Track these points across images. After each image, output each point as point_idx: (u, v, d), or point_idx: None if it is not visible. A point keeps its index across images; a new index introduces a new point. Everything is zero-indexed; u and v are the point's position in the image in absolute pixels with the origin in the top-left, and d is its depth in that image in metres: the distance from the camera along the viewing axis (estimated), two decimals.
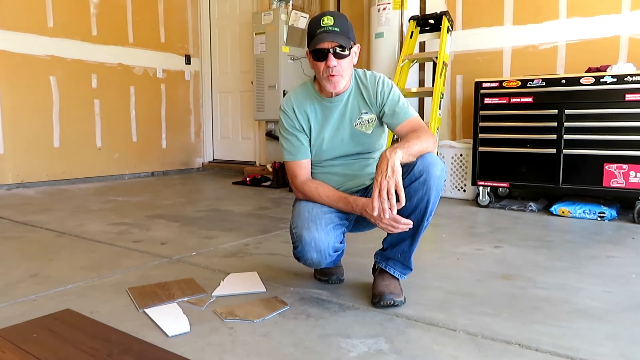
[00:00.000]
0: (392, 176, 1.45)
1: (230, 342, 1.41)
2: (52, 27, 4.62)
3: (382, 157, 1.50)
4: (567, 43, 3.75)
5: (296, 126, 1.77)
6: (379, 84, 1.74)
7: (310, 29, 1.68)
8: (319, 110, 1.77)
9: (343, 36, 1.63)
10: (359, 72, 1.79)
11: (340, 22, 1.64)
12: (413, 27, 4.07)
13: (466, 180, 3.91)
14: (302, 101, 1.78)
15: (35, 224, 2.98)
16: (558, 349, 1.35)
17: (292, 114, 1.77)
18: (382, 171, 1.47)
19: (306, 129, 1.77)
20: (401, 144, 1.55)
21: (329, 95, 1.75)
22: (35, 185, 4.57)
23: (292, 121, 1.77)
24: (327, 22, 1.63)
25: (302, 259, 1.65)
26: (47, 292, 1.81)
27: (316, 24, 1.65)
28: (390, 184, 1.45)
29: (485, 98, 3.55)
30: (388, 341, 1.41)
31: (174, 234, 2.76)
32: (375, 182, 1.48)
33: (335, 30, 1.62)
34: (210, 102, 6.16)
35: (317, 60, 1.66)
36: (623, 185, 3.09)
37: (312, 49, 1.65)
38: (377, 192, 1.46)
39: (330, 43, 1.62)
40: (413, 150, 1.54)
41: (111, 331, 1.44)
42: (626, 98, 3.05)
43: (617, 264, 2.19)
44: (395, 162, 1.47)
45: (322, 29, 1.62)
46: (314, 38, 1.64)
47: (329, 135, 1.76)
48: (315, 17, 1.68)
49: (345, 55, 1.65)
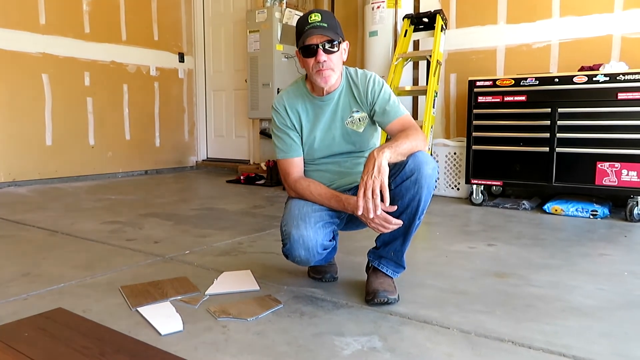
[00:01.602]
0: (378, 176, 1.46)
1: (223, 340, 1.40)
2: (44, 25, 4.58)
3: (370, 156, 1.50)
4: (560, 42, 3.76)
5: (288, 124, 1.76)
6: (370, 82, 1.75)
7: (298, 27, 1.68)
8: (310, 108, 1.77)
9: (331, 31, 1.63)
10: (350, 71, 1.79)
11: (328, 18, 1.65)
12: (407, 26, 4.07)
13: (460, 178, 3.92)
14: (293, 100, 1.78)
15: (27, 223, 2.96)
16: (551, 347, 1.36)
17: (283, 113, 1.77)
18: (368, 170, 1.48)
19: (297, 127, 1.77)
20: (390, 143, 1.55)
21: (321, 94, 1.75)
22: (28, 183, 4.53)
23: (284, 119, 1.77)
24: (314, 19, 1.63)
25: (290, 256, 1.65)
26: (39, 291, 1.80)
27: (304, 21, 1.66)
28: (376, 184, 1.45)
29: (479, 96, 3.55)
30: (382, 339, 1.41)
31: (167, 232, 2.75)
32: (361, 182, 1.49)
33: (323, 26, 1.62)
34: (204, 100, 6.14)
35: (306, 56, 1.66)
36: (615, 184, 3.11)
37: (301, 45, 1.65)
38: (362, 191, 1.47)
39: (318, 38, 1.62)
40: (402, 149, 1.54)
41: (103, 330, 1.43)
42: (618, 97, 3.06)
43: (610, 262, 2.20)
44: (382, 162, 1.47)
45: (310, 25, 1.63)
46: (302, 35, 1.64)
47: (320, 134, 1.76)
48: (302, 15, 1.69)
49: (334, 50, 1.66)
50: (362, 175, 1.49)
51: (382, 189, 1.46)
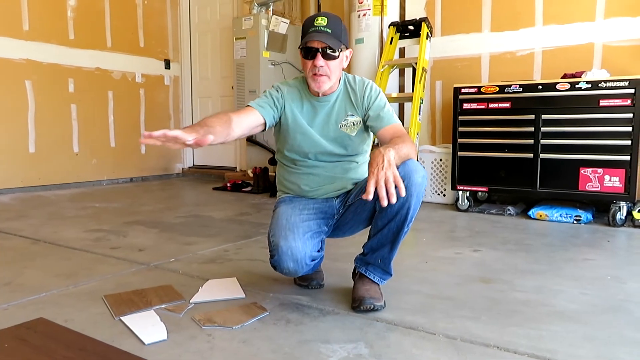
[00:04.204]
0: (389, 168, 1.38)
1: (208, 349, 1.38)
2: (28, 31, 4.53)
3: (377, 153, 1.45)
4: (543, 50, 3.81)
5: (278, 99, 1.78)
6: (367, 88, 1.78)
7: (304, 27, 1.71)
8: (306, 105, 1.79)
9: (334, 38, 1.65)
10: (348, 77, 1.82)
11: (334, 24, 1.66)
12: (393, 33, 4.10)
13: (446, 184, 3.94)
14: (293, 89, 1.82)
15: (9, 231, 2.91)
16: (536, 351, 1.37)
17: (281, 91, 1.80)
18: (378, 164, 1.39)
19: (280, 108, 1.79)
20: (390, 145, 1.52)
21: (317, 95, 1.77)
22: (10, 191, 4.46)
23: (277, 95, 1.79)
24: (320, 22, 1.65)
25: (278, 267, 1.64)
26: (20, 300, 1.76)
27: (310, 22, 1.68)
28: (388, 174, 1.37)
29: (464, 103, 3.58)
30: (368, 346, 1.40)
31: (152, 240, 2.72)
32: (370, 175, 1.39)
33: (327, 31, 1.64)
34: (190, 107, 6.11)
35: (306, 57, 1.69)
36: (598, 189, 3.15)
37: (303, 46, 1.67)
38: (374, 181, 1.36)
39: (319, 43, 1.64)
40: (401, 153, 1.53)
41: (86, 340, 1.41)
42: (600, 104, 3.11)
43: (594, 267, 2.22)
44: (390, 157, 1.42)
45: (315, 29, 1.65)
46: (305, 36, 1.66)
47: (313, 130, 1.78)
48: (310, 16, 1.71)
49: (334, 57, 1.67)
50: (371, 169, 1.40)
51: (396, 180, 1.37)
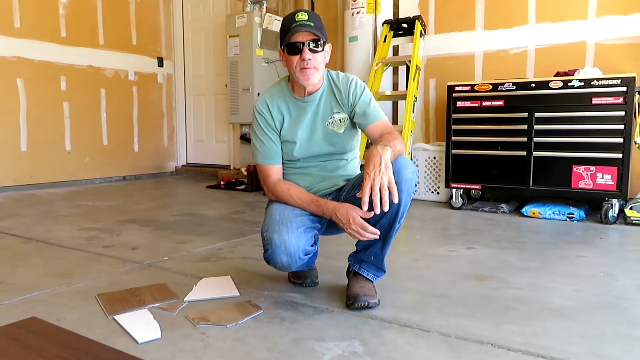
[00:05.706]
0: (386, 172, 1.41)
1: (202, 347, 1.38)
2: (19, 28, 4.49)
3: (374, 152, 1.46)
4: (536, 48, 3.83)
5: (271, 125, 1.76)
6: (352, 84, 1.76)
7: (284, 25, 1.68)
8: (293, 109, 1.77)
9: (317, 31, 1.64)
10: (332, 73, 1.80)
11: (314, 18, 1.66)
12: (387, 31, 4.10)
13: (439, 182, 3.95)
14: (276, 99, 1.78)
15: (1, 230, 2.89)
16: (530, 348, 1.37)
17: (267, 114, 1.76)
18: (375, 166, 1.42)
19: (279, 127, 1.77)
20: (385, 143, 1.53)
21: (302, 95, 1.75)
22: (1, 190, 4.42)
23: (267, 121, 1.76)
24: (301, 17, 1.64)
25: (272, 262, 1.64)
26: (12, 300, 1.75)
27: (290, 19, 1.66)
28: (384, 180, 1.41)
29: (458, 101, 3.59)
30: (362, 343, 1.40)
31: (146, 238, 2.71)
32: (367, 177, 1.42)
33: (309, 24, 1.63)
34: (183, 105, 6.09)
35: (291, 54, 1.67)
36: (591, 187, 3.17)
37: (287, 42, 1.66)
38: (369, 187, 1.41)
39: (305, 35, 1.63)
40: (396, 150, 1.54)
41: (79, 339, 1.40)
42: (593, 101, 3.13)
43: (587, 264, 2.24)
44: (387, 159, 1.44)
45: (297, 23, 1.64)
46: (288, 32, 1.64)
47: (301, 134, 1.76)
48: (289, 14, 1.69)
49: (319, 50, 1.67)
50: (367, 171, 1.43)
51: (390, 186, 1.41)
